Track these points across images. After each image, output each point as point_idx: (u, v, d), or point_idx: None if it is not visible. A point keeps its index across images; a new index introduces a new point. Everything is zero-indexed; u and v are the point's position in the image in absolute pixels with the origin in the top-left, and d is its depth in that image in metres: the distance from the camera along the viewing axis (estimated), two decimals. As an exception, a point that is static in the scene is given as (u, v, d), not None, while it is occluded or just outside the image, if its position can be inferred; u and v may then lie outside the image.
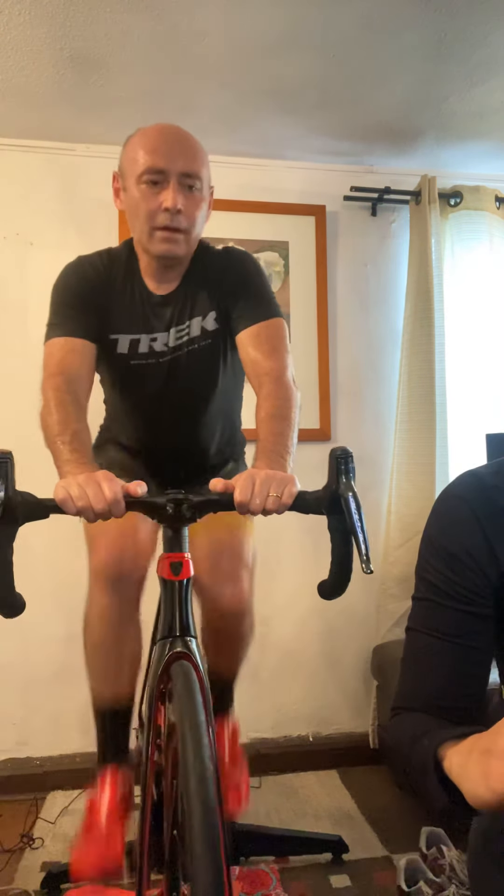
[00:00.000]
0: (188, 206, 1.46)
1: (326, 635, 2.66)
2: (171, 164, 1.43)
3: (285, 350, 1.51)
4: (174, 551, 1.14)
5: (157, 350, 1.60)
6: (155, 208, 1.45)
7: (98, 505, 1.06)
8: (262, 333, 1.52)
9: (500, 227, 2.71)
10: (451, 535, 0.97)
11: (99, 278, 1.57)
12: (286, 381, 1.44)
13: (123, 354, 1.59)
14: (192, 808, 0.78)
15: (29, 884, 1.84)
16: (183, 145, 1.46)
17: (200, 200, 1.49)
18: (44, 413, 1.39)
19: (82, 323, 1.51)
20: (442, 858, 1.76)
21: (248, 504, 1.08)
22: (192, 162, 1.45)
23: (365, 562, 1.01)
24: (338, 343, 2.72)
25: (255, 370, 1.49)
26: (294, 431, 1.36)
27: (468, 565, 0.95)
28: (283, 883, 1.84)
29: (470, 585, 0.95)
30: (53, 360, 1.47)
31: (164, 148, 1.44)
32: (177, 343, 1.60)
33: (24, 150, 2.52)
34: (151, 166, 1.43)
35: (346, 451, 1.09)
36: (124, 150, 1.52)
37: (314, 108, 2.34)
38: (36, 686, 2.47)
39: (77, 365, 1.48)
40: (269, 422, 1.35)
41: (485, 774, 0.65)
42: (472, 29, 1.94)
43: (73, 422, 1.35)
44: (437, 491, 2.50)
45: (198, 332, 1.60)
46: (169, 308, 1.59)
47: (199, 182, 1.47)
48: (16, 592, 1.03)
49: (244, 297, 1.56)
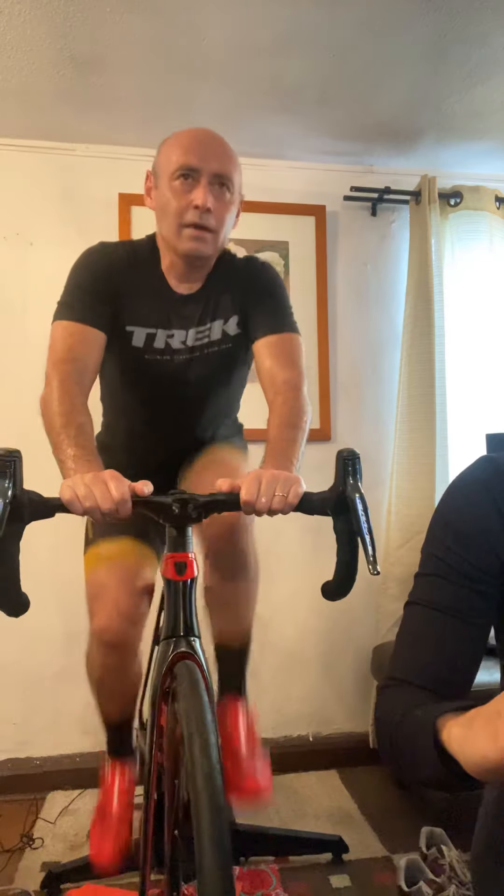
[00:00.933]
0: (218, 207, 1.46)
1: (326, 635, 2.66)
2: (205, 163, 1.44)
3: (302, 365, 1.52)
4: (178, 551, 1.14)
5: (174, 347, 1.58)
6: (185, 205, 1.45)
7: (105, 505, 1.05)
8: (280, 345, 1.53)
9: (500, 227, 2.71)
10: (467, 515, 0.98)
11: (122, 266, 1.55)
12: (302, 394, 1.46)
13: (138, 348, 1.57)
14: (199, 807, 0.78)
15: (29, 884, 1.84)
16: (217, 147, 1.48)
17: (230, 203, 1.50)
18: (48, 399, 1.36)
19: (98, 311, 1.49)
20: (442, 858, 1.76)
21: (253, 503, 1.08)
22: (224, 164, 1.46)
23: (372, 563, 1.01)
24: (338, 343, 2.72)
25: (271, 380, 1.49)
26: (303, 441, 1.37)
27: (481, 546, 0.96)
28: (283, 883, 1.83)
29: (481, 565, 0.96)
30: (63, 344, 1.45)
31: (199, 148, 1.45)
32: (196, 343, 1.59)
33: (24, 150, 2.52)
34: (185, 164, 1.43)
35: (354, 452, 1.09)
36: (160, 151, 1.52)
37: (314, 107, 2.34)
38: (36, 686, 2.47)
39: (86, 354, 1.46)
40: (282, 428, 1.37)
41: (493, 736, 0.65)
42: (472, 29, 1.94)
43: (79, 414, 1.33)
44: (438, 491, 2.51)
45: (218, 335, 1.60)
46: (190, 307, 1.58)
47: (230, 185, 1.48)
48: (22, 592, 1.03)
49: (267, 305, 1.57)
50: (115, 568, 1.48)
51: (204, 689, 1.00)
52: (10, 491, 0.99)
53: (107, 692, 1.59)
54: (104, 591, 1.45)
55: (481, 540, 0.96)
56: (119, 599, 1.43)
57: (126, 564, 1.49)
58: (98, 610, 1.45)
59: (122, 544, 1.52)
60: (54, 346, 1.45)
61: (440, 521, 1.02)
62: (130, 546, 1.53)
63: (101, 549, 1.53)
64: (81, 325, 1.47)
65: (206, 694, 0.99)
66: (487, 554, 0.95)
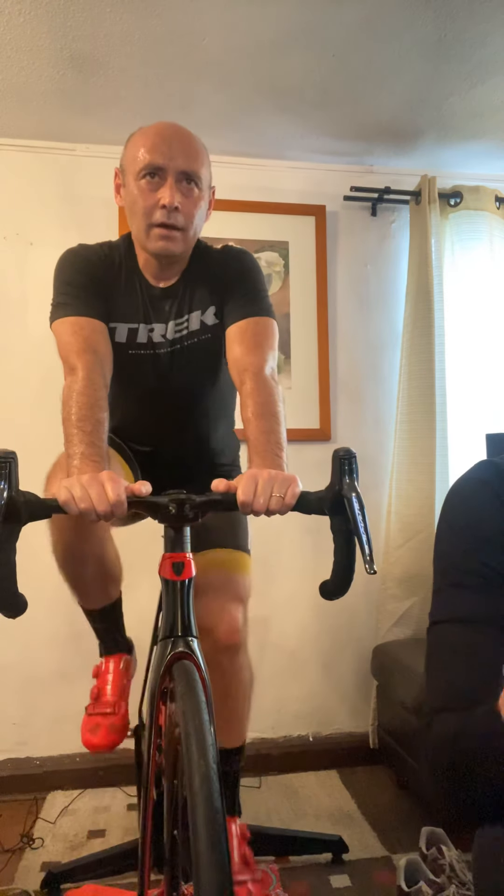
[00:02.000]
0: (186, 204, 1.45)
1: (326, 635, 2.66)
2: (170, 161, 1.43)
3: (269, 347, 1.50)
4: (176, 551, 1.14)
5: (154, 341, 1.59)
6: (152, 205, 1.44)
7: (101, 506, 1.05)
8: (248, 329, 1.52)
9: (500, 227, 2.71)
10: (479, 518, 0.97)
11: (101, 265, 1.56)
12: (265, 377, 1.43)
13: (122, 344, 1.57)
14: (196, 807, 0.78)
15: (29, 884, 1.84)
16: (183, 143, 1.45)
17: (199, 199, 1.49)
18: (71, 388, 1.35)
19: (94, 305, 1.50)
20: (442, 858, 1.76)
21: (250, 504, 1.08)
22: (191, 160, 1.45)
23: (368, 563, 1.01)
24: (338, 343, 2.72)
25: (235, 365, 1.49)
26: (282, 427, 1.35)
27: (498, 545, 0.94)
28: (283, 883, 1.83)
29: (500, 566, 0.93)
30: (78, 337, 1.44)
31: (164, 145, 1.43)
32: (175, 336, 1.60)
33: (24, 150, 2.52)
34: (150, 163, 1.43)
35: (350, 451, 1.08)
36: (126, 148, 1.52)
37: (314, 107, 2.34)
38: (36, 686, 2.47)
39: (102, 345, 1.47)
40: (257, 421, 1.34)
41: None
42: (472, 29, 1.94)
43: (100, 410, 1.33)
44: (438, 491, 2.50)
45: (197, 325, 1.60)
46: (168, 301, 1.58)
47: (197, 181, 1.46)
48: (18, 593, 1.03)
49: (238, 292, 1.56)
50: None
51: (202, 689, 1.00)
52: (5, 492, 0.99)
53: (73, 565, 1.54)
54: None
55: (498, 539, 0.94)
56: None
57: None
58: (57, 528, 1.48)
59: None
60: (67, 340, 1.45)
61: (451, 529, 1.00)
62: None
63: None
64: (86, 319, 1.47)
65: (203, 694, 0.99)
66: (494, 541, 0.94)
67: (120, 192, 1.56)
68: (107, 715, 1.58)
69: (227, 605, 1.53)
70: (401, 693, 2.23)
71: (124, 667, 1.65)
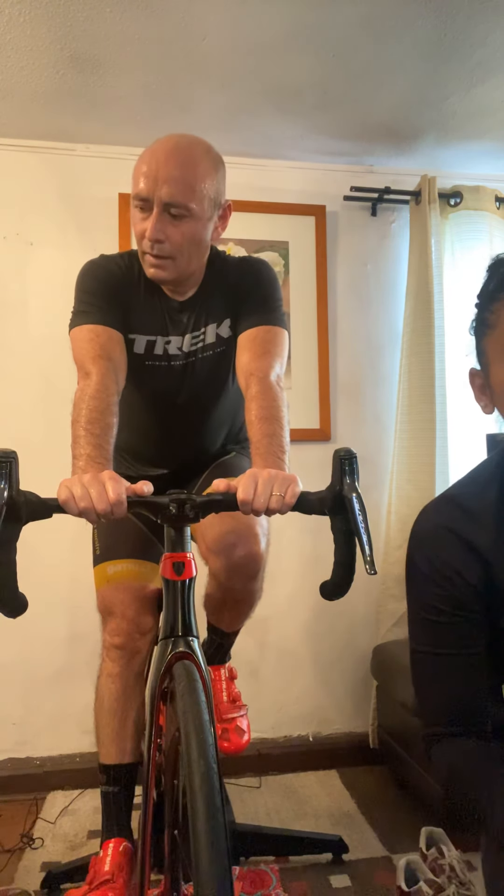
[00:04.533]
0: (172, 234, 1.43)
1: (326, 635, 2.66)
2: (154, 192, 1.39)
3: (277, 355, 1.52)
4: (177, 551, 1.14)
5: (171, 353, 1.61)
6: (140, 234, 1.45)
7: (100, 506, 1.05)
8: (258, 337, 1.53)
9: (500, 227, 2.71)
10: (448, 567, 1.06)
11: (122, 276, 1.57)
12: (270, 382, 1.44)
13: (140, 355, 1.59)
14: (196, 807, 0.78)
15: (29, 884, 1.84)
16: (173, 170, 1.40)
17: (191, 226, 1.44)
18: (84, 390, 1.37)
19: (113, 315, 1.51)
20: (442, 858, 1.76)
21: (251, 503, 1.08)
22: (178, 190, 1.40)
23: (369, 563, 1.01)
24: (338, 343, 2.72)
25: (243, 370, 1.51)
26: (286, 431, 1.36)
27: (459, 585, 1.05)
28: (283, 883, 1.83)
29: (464, 600, 1.05)
30: (94, 344, 1.46)
31: (152, 174, 1.39)
32: (191, 349, 1.61)
33: (24, 150, 2.52)
34: (137, 193, 1.43)
35: (351, 452, 1.09)
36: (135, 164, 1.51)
37: (314, 108, 2.34)
38: (36, 686, 2.47)
39: (118, 353, 1.49)
40: (260, 424, 1.36)
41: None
42: (472, 29, 1.94)
43: (111, 415, 1.35)
44: (437, 491, 2.50)
45: (213, 338, 1.62)
46: (185, 313, 1.60)
47: (186, 209, 1.41)
48: (19, 592, 1.03)
49: (251, 302, 1.57)
50: (122, 588, 1.58)
51: (202, 689, 1.00)
52: (5, 492, 0.99)
53: (107, 712, 1.56)
54: (114, 603, 1.55)
55: (458, 580, 1.04)
56: (128, 610, 1.54)
57: (133, 586, 1.58)
58: (109, 619, 1.56)
59: (127, 566, 1.61)
60: (84, 347, 1.47)
61: (422, 576, 1.09)
62: (135, 567, 1.61)
63: (108, 569, 1.62)
64: (104, 327, 1.49)
65: (203, 694, 0.99)
66: (467, 588, 1.04)
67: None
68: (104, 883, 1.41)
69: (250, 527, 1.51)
70: (401, 693, 2.23)
71: (123, 851, 1.49)
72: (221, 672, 1.85)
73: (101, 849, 1.51)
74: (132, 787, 1.57)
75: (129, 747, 1.55)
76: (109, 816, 1.55)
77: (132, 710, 1.55)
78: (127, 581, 1.58)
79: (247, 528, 1.50)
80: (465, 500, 1.10)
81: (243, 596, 1.61)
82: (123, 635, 1.53)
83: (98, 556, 1.66)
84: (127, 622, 1.53)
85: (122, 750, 1.55)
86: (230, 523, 1.49)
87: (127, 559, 1.62)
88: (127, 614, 1.53)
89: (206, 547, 1.53)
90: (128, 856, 1.49)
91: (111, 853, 1.48)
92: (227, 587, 1.57)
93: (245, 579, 1.55)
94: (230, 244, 2.60)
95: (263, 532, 1.54)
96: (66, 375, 1.71)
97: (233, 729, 1.76)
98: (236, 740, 1.75)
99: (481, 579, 1.04)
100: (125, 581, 1.58)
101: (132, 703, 1.55)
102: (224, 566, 1.51)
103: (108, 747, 1.56)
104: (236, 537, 1.48)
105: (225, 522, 1.49)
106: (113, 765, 1.55)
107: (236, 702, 1.84)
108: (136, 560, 1.61)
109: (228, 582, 1.55)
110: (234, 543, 1.48)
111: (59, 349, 1.91)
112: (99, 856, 1.49)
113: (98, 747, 1.59)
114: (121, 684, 1.54)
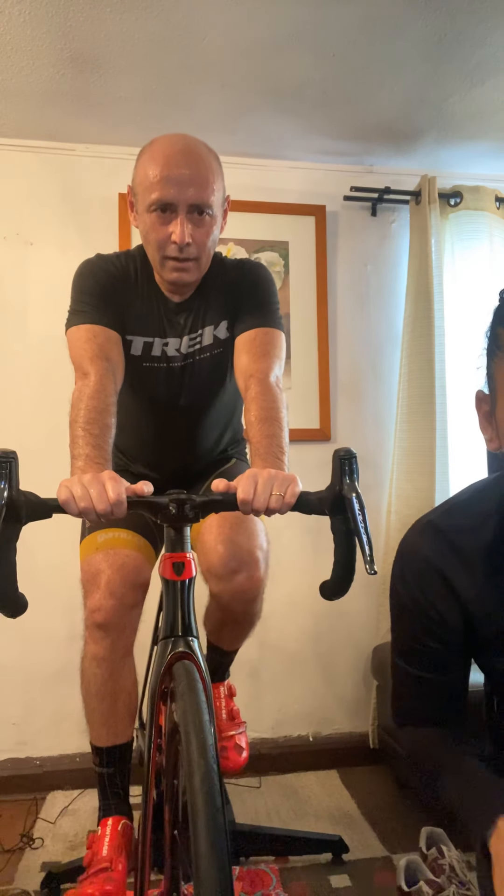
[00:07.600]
0: (198, 235, 1.44)
1: (326, 635, 2.66)
2: (180, 195, 1.40)
3: (275, 357, 1.52)
4: (176, 551, 1.14)
5: (168, 355, 1.61)
6: (164, 239, 1.44)
7: (100, 506, 1.05)
8: (257, 339, 1.53)
9: (500, 227, 2.71)
10: (418, 594, 1.10)
11: (120, 276, 1.57)
12: (270, 383, 1.44)
13: (137, 356, 1.59)
14: (195, 807, 0.78)
15: (29, 884, 1.84)
16: (193, 171, 1.41)
17: (211, 224, 1.46)
18: (82, 391, 1.37)
19: (110, 315, 1.51)
20: (442, 858, 1.76)
21: (251, 503, 1.08)
22: (201, 190, 1.41)
23: (369, 563, 1.01)
24: (338, 343, 2.72)
25: (242, 372, 1.51)
26: (285, 432, 1.36)
27: (434, 618, 1.09)
28: (283, 883, 1.83)
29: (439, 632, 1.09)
30: (92, 344, 1.45)
31: (174, 177, 1.39)
32: (189, 350, 1.61)
33: (24, 150, 2.52)
34: (159, 199, 1.40)
35: (350, 451, 1.09)
36: (136, 166, 1.48)
37: (314, 108, 2.34)
38: (36, 686, 2.47)
39: (115, 354, 1.48)
40: (260, 425, 1.36)
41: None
42: (472, 29, 1.94)
43: (109, 415, 1.34)
44: (437, 491, 2.50)
45: (210, 340, 1.62)
46: (183, 315, 1.60)
47: (209, 209, 1.44)
48: (19, 592, 1.03)
49: (248, 305, 1.57)
50: (111, 555, 1.48)
51: (202, 689, 1.00)
52: (5, 492, 0.99)
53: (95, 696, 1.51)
54: (98, 574, 1.45)
55: (439, 619, 1.08)
56: (113, 581, 1.44)
57: (121, 552, 1.49)
58: (92, 591, 1.46)
59: (120, 534, 1.53)
60: (82, 347, 1.46)
61: (402, 608, 1.15)
62: (128, 536, 1.53)
63: (98, 537, 1.53)
64: (101, 327, 1.49)
65: (203, 694, 0.99)
66: (446, 628, 1.09)
67: (133, 211, 1.54)
68: (102, 871, 1.38)
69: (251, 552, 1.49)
70: (401, 693, 2.22)
71: (122, 830, 1.48)
72: (221, 689, 1.85)
73: (98, 826, 1.50)
74: (127, 765, 1.56)
75: (121, 728, 1.53)
76: (105, 795, 1.54)
77: (122, 691, 1.50)
78: (118, 547, 1.49)
79: (248, 553, 1.49)
80: (456, 537, 1.08)
81: (244, 617, 1.61)
82: (106, 612, 1.42)
83: (87, 529, 1.57)
84: (112, 597, 1.43)
85: (113, 732, 1.53)
86: (232, 549, 1.48)
87: (121, 529, 1.53)
88: (112, 586, 1.43)
89: (207, 569, 1.50)
90: (127, 836, 1.47)
91: (109, 832, 1.47)
92: (228, 609, 1.56)
93: (245, 603, 1.55)
94: (230, 244, 2.60)
95: (264, 556, 1.53)
96: (66, 375, 1.71)
97: (231, 747, 1.74)
98: (235, 758, 1.74)
99: (463, 622, 1.08)
100: (116, 547, 1.49)
101: (122, 685, 1.49)
102: (225, 590, 1.50)
103: (98, 730, 1.53)
104: (238, 563, 1.47)
105: (227, 547, 1.48)
106: (105, 747, 1.53)
107: (235, 719, 1.83)
108: (130, 531, 1.54)
109: (229, 605, 1.54)
110: (236, 570, 1.47)
111: (58, 349, 1.91)
112: (97, 833, 1.48)
113: (88, 728, 1.55)
114: (107, 668, 1.46)
